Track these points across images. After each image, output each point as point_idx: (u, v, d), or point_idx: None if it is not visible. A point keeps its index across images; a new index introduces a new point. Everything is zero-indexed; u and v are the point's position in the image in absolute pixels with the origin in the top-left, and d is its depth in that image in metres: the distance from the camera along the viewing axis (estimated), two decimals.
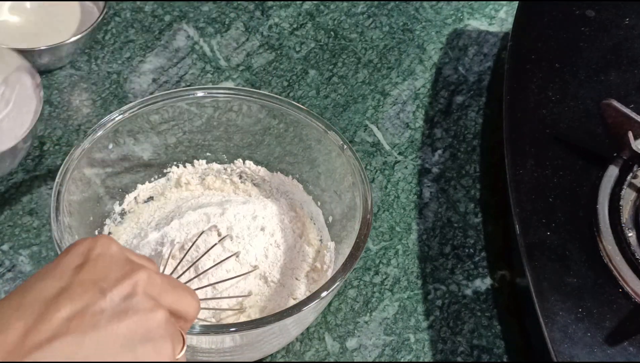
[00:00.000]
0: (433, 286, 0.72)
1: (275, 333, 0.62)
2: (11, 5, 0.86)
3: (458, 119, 0.85)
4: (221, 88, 0.72)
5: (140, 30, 0.89)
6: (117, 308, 0.45)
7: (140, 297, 0.46)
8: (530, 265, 0.65)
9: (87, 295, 0.44)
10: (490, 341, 0.69)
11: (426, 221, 0.77)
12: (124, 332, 0.44)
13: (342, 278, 0.60)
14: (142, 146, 0.72)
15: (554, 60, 0.79)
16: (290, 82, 0.86)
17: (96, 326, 0.44)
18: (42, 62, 0.82)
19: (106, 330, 0.44)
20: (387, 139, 0.83)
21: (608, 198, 0.69)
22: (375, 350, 0.68)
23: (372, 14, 0.93)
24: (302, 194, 0.73)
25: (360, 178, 0.66)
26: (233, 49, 0.89)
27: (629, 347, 0.61)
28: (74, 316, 0.43)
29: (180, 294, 0.50)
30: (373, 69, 0.88)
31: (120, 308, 0.45)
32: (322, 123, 0.69)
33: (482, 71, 0.89)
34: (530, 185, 0.70)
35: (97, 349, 0.43)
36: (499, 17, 0.95)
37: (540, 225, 0.67)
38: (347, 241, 0.66)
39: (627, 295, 0.64)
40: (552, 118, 0.75)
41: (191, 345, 0.61)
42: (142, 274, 0.47)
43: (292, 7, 0.93)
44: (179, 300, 0.49)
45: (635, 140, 0.69)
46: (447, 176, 0.80)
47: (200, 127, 0.73)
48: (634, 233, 0.67)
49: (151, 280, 0.47)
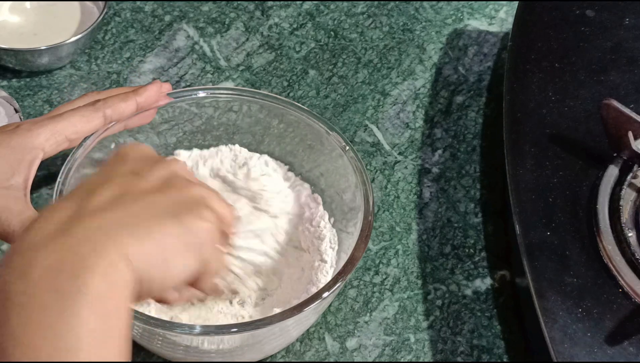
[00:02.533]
0: (433, 286, 0.72)
1: (276, 334, 0.62)
2: (11, 5, 0.86)
3: (458, 119, 0.85)
4: (221, 88, 0.72)
5: (140, 30, 0.89)
6: (157, 185, 0.48)
7: (177, 178, 0.49)
8: (530, 265, 0.65)
9: (126, 179, 0.47)
10: (490, 341, 0.69)
11: (426, 221, 0.77)
12: (166, 202, 0.47)
13: (344, 279, 0.60)
14: None
15: (554, 60, 0.79)
16: (290, 82, 0.87)
17: (139, 200, 0.46)
18: (42, 62, 0.82)
19: (148, 202, 0.46)
20: (387, 139, 0.83)
21: (608, 198, 0.69)
22: (375, 350, 0.68)
23: (372, 14, 0.93)
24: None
25: (362, 178, 0.66)
26: (233, 49, 0.89)
27: (629, 347, 0.61)
28: (118, 195, 0.46)
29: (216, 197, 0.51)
30: (373, 69, 0.88)
31: (159, 185, 0.48)
32: (324, 124, 0.69)
33: (482, 71, 0.89)
34: (530, 185, 0.70)
35: (142, 217, 0.45)
36: (499, 17, 0.95)
37: (540, 225, 0.67)
38: (348, 242, 0.66)
39: (627, 295, 0.64)
40: (552, 118, 0.75)
41: (191, 345, 0.61)
42: (177, 162, 0.50)
43: (292, 7, 0.93)
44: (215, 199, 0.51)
45: (635, 140, 0.69)
46: (447, 176, 0.80)
47: (200, 127, 0.73)
48: (634, 233, 0.67)
49: (185, 169, 0.51)
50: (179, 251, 0.46)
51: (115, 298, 0.42)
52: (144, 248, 0.44)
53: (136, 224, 0.45)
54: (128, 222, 0.44)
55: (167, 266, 0.46)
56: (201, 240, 0.48)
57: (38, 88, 0.83)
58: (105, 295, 0.41)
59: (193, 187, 0.49)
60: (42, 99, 0.82)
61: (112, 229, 0.44)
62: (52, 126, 0.62)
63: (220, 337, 0.59)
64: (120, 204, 0.45)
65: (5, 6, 0.86)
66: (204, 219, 0.48)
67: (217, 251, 0.50)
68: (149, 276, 0.45)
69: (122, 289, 0.43)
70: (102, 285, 0.41)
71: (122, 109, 0.65)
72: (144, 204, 0.46)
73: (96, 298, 0.41)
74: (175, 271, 0.47)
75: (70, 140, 0.63)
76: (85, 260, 0.42)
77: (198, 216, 0.48)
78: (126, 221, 0.44)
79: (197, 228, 0.47)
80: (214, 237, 0.49)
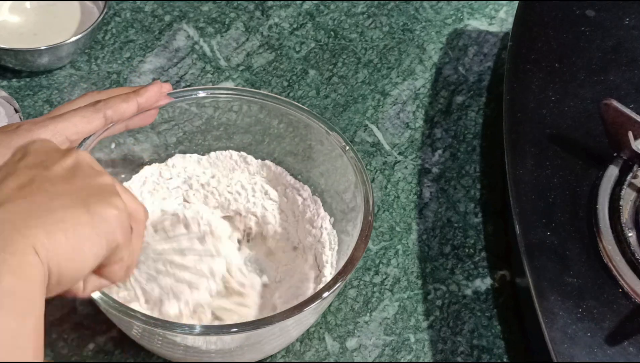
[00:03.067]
0: (433, 286, 0.72)
1: (276, 334, 0.62)
2: (11, 5, 0.86)
3: (458, 119, 0.85)
4: (221, 88, 0.72)
5: (140, 30, 0.89)
6: (63, 175, 0.46)
7: (84, 166, 0.48)
8: (530, 265, 0.65)
9: (32, 171, 0.46)
10: (490, 341, 0.69)
11: (426, 221, 0.77)
12: (73, 191, 0.45)
13: (344, 279, 0.60)
14: (142, 146, 0.72)
15: (554, 60, 0.79)
16: (290, 82, 0.87)
17: (45, 190, 0.44)
18: (42, 62, 0.82)
19: (55, 192, 0.45)
20: (387, 139, 0.83)
21: (608, 198, 0.69)
22: (375, 350, 0.68)
23: (372, 14, 0.93)
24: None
25: (362, 179, 0.66)
26: (233, 49, 0.89)
27: (629, 347, 0.61)
28: (23, 186, 0.44)
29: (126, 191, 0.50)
30: (373, 69, 0.88)
31: (66, 175, 0.46)
32: (324, 124, 0.69)
33: (482, 71, 0.89)
34: (530, 185, 0.70)
35: (49, 207, 0.44)
36: (499, 17, 0.95)
37: (540, 225, 0.67)
38: (348, 242, 0.66)
39: (627, 295, 0.64)
40: (552, 118, 0.75)
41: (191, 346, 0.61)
42: (82, 152, 0.49)
43: (292, 7, 0.93)
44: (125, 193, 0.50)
45: (635, 140, 0.69)
46: (447, 176, 0.80)
47: (200, 127, 0.73)
48: (634, 233, 0.67)
49: (90, 158, 0.49)
50: (88, 239, 0.45)
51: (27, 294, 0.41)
52: (53, 239, 0.43)
53: (43, 214, 0.43)
54: (35, 213, 0.43)
55: (78, 256, 0.44)
56: (111, 227, 0.46)
57: (38, 88, 0.83)
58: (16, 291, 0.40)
59: (100, 176, 0.48)
60: (42, 99, 0.82)
61: (18, 221, 0.42)
62: (52, 126, 0.61)
63: (220, 337, 0.59)
64: (27, 195, 0.44)
65: (5, 6, 0.86)
66: (113, 206, 0.47)
67: (127, 239, 0.48)
68: (59, 268, 0.43)
69: (34, 284, 0.41)
70: (12, 281, 0.40)
71: (123, 109, 0.65)
72: (50, 194, 0.45)
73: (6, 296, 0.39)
74: (86, 259, 0.45)
75: (71, 141, 0.63)
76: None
77: (107, 203, 0.46)
78: (33, 212, 0.43)
79: (106, 214, 0.46)
80: (124, 224, 0.47)
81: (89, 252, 0.45)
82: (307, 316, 0.62)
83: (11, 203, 0.43)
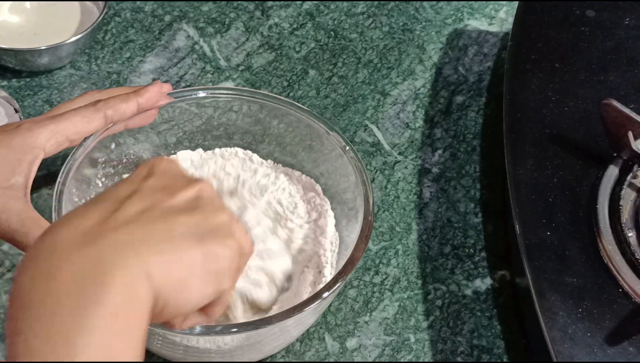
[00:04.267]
0: (433, 286, 0.72)
1: (276, 334, 0.62)
2: (11, 5, 0.86)
3: (458, 119, 0.85)
4: (221, 88, 0.72)
5: (140, 30, 0.89)
6: (185, 206, 0.47)
7: (206, 199, 0.48)
8: (530, 265, 0.65)
9: (157, 195, 0.46)
10: (490, 341, 0.69)
11: (426, 221, 0.77)
12: (193, 224, 0.46)
13: (344, 279, 0.60)
14: (142, 145, 0.72)
15: (554, 60, 0.79)
16: (290, 82, 0.87)
17: (166, 219, 0.45)
18: (42, 62, 0.82)
19: (175, 222, 0.45)
20: (387, 139, 0.83)
21: (608, 198, 0.69)
22: (375, 350, 0.68)
23: (372, 14, 0.93)
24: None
25: (362, 179, 0.66)
26: (233, 49, 0.89)
27: (629, 347, 0.61)
28: (146, 209, 0.45)
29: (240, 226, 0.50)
30: (373, 69, 0.88)
31: (188, 206, 0.47)
32: (324, 124, 0.69)
33: (482, 71, 0.89)
34: (530, 185, 0.70)
35: (168, 236, 0.45)
36: (499, 17, 0.95)
37: (540, 225, 0.67)
38: (348, 242, 0.66)
39: (627, 295, 0.64)
40: (552, 118, 0.75)
41: (191, 346, 0.61)
42: (206, 184, 0.49)
43: (292, 7, 0.93)
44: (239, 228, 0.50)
45: (635, 140, 0.69)
46: (447, 176, 0.80)
47: (200, 127, 0.73)
48: (634, 233, 0.67)
49: (213, 190, 0.50)
50: (198, 276, 0.45)
51: (132, 314, 0.41)
52: (165, 269, 0.43)
53: (162, 242, 0.44)
54: (152, 240, 0.44)
55: (185, 290, 0.45)
56: (222, 268, 0.47)
57: (38, 88, 0.83)
58: (123, 309, 0.41)
59: (220, 212, 0.48)
60: (42, 99, 0.82)
61: (137, 244, 0.43)
62: (53, 126, 0.61)
63: (220, 337, 0.59)
64: (148, 220, 0.45)
65: (5, 6, 0.86)
66: (227, 247, 0.47)
67: (233, 282, 0.49)
68: (166, 298, 0.44)
69: (140, 305, 0.42)
70: (120, 298, 0.41)
71: (123, 109, 0.65)
72: (171, 223, 0.45)
73: (112, 313, 0.40)
74: (192, 295, 0.46)
75: (71, 140, 0.63)
76: (106, 274, 0.41)
77: (222, 244, 0.47)
78: (152, 239, 0.44)
79: (220, 255, 0.47)
80: (233, 267, 0.48)
81: (197, 288, 0.46)
82: (307, 316, 0.62)
83: (133, 225, 0.44)
